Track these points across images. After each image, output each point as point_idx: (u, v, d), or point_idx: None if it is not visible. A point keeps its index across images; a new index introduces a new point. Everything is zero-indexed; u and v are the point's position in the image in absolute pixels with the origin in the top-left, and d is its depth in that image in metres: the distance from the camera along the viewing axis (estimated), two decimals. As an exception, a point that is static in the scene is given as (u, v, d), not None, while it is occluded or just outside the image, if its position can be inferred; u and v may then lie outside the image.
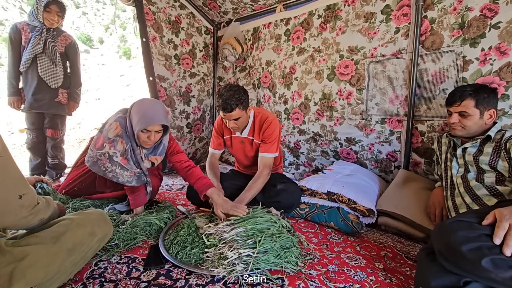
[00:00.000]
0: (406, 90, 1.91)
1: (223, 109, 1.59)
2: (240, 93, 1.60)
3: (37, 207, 0.86)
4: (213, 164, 1.92)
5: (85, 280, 1.06)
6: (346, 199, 1.64)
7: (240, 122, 1.68)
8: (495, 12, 1.53)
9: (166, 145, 1.61)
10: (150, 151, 1.56)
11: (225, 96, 1.57)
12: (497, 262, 0.74)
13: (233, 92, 1.58)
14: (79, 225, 0.96)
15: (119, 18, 25.63)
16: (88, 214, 1.04)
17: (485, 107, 1.33)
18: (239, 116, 1.64)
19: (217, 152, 1.97)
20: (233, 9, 2.80)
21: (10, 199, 0.77)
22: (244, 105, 1.64)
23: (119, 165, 1.40)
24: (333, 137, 2.36)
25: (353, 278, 1.13)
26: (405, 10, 1.85)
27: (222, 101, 1.57)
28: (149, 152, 1.55)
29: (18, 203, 0.79)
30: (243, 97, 1.62)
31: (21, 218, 0.81)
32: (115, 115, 1.50)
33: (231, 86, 1.63)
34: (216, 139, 1.95)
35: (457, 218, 0.90)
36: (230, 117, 1.62)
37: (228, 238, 1.21)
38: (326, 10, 2.25)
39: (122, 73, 15.66)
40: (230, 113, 1.59)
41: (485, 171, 1.27)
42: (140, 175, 1.50)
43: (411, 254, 1.36)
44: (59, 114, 2.33)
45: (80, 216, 1.01)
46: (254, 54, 2.85)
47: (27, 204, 0.82)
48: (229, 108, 1.57)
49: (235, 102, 1.57)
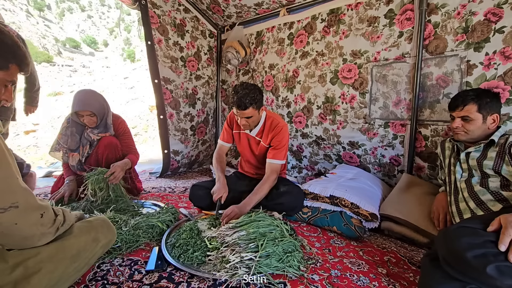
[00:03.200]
0: (410, 94, 1.90)
1: (237, 106, 1.62)
2: (255, 92, 1.63)
3: (57, 220, 0.86)
4: (220, 156, 1.95)
5: (88, 282, 1.06)
6: (349, 203, 1.63)
7: (251, 120, 1.71)
8: (499, 16, 1.53)
9: (110, 124, 1.99)
10: (96, 129, 1.96)
11: (241, 93, 1.59)
12: (502, 269, 0.73)
13: (248, 90, 1.61)
14: (83, 232, 0.96)
15: (124, 21, 25.94)
16: (92, 221, 1.04)
17: (488, 112, 1.32)
18: (251, 115, 1.66)
19: (226, 145, 2.00)
20: (237, 13, 2.82)
21: (35, 220, 0.77)
22: (258, 105, 1.66)
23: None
24: (336, 141, 2.36)
25: (356, 283, 1.12)
26: (408, 15, 1.86)
27: (237, 98, 1.60)
28: (96, 130, 1.96)
29: (40, 222, 0.79)
30: (258, 97, 1.64)
31: (44, 234, 0.81)
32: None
33: (248, 84, 1.65)
34: (226, 132, 1.98)
35: (462, 224, 0.89)
36: (243, 114, 1.65)
37: (230, 242, 1.21)
38: (330, 14, 2.26)
39: (126, 76, 15.78)
40: (244, 111, 1.62)
41: (489, 175, 1.26)
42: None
43: (414, 259, 1.34)
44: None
45: (84, 223, 1.01)
46: (258, 58, 2.87)
47: (47, 222, 0.82)
48: (243, 106, 1.60)
49: (249, 100, 1.60)
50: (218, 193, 1.66)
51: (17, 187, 0.73)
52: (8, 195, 0.71)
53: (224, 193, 1.68)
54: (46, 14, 42.97)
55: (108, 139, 1.97)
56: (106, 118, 1.97)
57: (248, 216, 1.40)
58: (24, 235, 0.75)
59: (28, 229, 0.75)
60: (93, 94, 1.93)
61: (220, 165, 1.88)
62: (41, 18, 39.84)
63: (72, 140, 1.94)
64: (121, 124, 2.11)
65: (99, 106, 1.90)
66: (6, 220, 0.70)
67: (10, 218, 0.70)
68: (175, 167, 3.00)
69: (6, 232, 0.71)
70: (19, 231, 0.73)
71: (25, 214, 0.74)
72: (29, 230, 0.76)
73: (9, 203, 0.70)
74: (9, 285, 0.74)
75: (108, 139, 1.97)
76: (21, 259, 0.78)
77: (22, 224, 0.73)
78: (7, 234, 0.72)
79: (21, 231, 0.74)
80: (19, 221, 0.72)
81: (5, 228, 0.70)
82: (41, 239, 0.81)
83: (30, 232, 0.76)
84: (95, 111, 1.86)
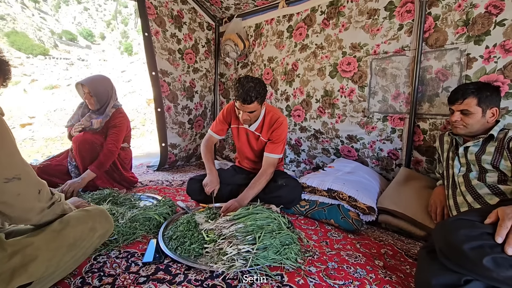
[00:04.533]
0: (409, 88, 1.89)
1: (242, 100, 1.57)
2: (261, 86, 1.59)
3: (54, 198, 0.91)
4: (209, 147, 1.93)
5: (84, 274, 1.06)
6: (347, 196, 1.63)
7: (253, 115, 1.67)
8: (500, 9, 1.51)
9: (108, 114, 2.03)
10: (95, 114, 2.03)
11: (247, 87, 1.54)
12: (498, 261, 0.73)
13: (254, 84, 1.56)
14: (80, 221, 0.97)
15: (121, 13, 25.60)
16: (89, 211, 1.04)
17: (487, 106, 1.31)
18: (254, 110, 1.63)
19: (216, 137, 1.96)
20: (235, 4, 2.78)
21: (34, 194, 0.83)
22: (262, 99, 1.63)
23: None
24: (335, 135, 2.35)
25: (352, 275, 1.13)
26: (408, 7, 1.83)
27: (243, 92, 1.54)
28: (94, 114, 2.03)
29: (38, 198, 0.84)
30: (263, 92, 1.61)
31: (40, 211, 0.86)
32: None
33: (252, 78, 1.61)
34: (219, 123, 1.92)
35: (459, 217, 0.89)
36: (247, 109, 1.61)
37: (227, 234, 1.20)
38: (329, 6, 2.23)
39: (124, 69, 15.63)
40: (249, 105, 1.58)
41: (487, 170, 1.26)
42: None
43: (411, 252, 1.35)
44: None
45: (81, 212, 1.01)
46: (256, 51, 2.83)
47: (45, 199, 0.88)
48: (249, 100, 1.56)
49: (255, 94, 1.56)
50: (210, 186, 1.66)
51: (19, 161, 0.80)
52: (12, 167, 0.78)
53: (216, 186, 1.67)
54: (41, 6, 42.28)
55: (81, 137, 1.95)
56: (107, 107, 2.02)
57: (245, 209, 1.39)
58: (24, 207, 0.82)
59: (28, 202, 0.82)
60: (103, 79, 2.04)
61: (210, 154, 1.86)
62: (37, 10, 39.20)
63: (74, 117, 2.12)
64: (118, 118, 2.11)
65: (102, 90, 1.98)
66: (10, 190, 0.77)
67: (13, 188, 0.77)
68: (172, 161, 2.99)
69: (10, 202, 0.78)
70: (20, 202, 0.80)
71: (26, 186, 0.81)
72: (29, 203, 0.82)
73: (13, 175, 0.77)
74: (7, 272, 0.75)
75: (81, 137, 1.95)
76: (19, 247, 0.80)
77: (24, 195, 0.80)
78: (10, 204, 0.78)
79: (22, 202, 0.80)
80: (22, 191, 0.79)
81: (9, 197, 0.77)
82: (40, 215, 0.87)
83: (29, 205, 0.83)
84: (93, 93, 1.94)
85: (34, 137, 8.64)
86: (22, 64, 19.95)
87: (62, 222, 0.92)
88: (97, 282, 1.02)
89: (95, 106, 2.00)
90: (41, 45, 25.26)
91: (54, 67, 21.57)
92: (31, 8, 35.15)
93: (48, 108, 11.89)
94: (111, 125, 2.07)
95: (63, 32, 37.23)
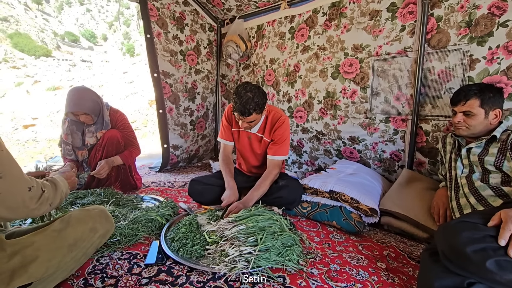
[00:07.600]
0: (411, 89, 1.89)
1: (240, 113, 1.51)
2: (259, 96, 1.52)
3: (43, 196, 0.87)
4: (227, 158, 1.84)
5: (87, 275, 1.06)
6: (349, 198, 1.63)
7: (254, 123, 1.64)
8: (503, 10, 1.51)
9: (107, 121, 2.01)
10: (94, 126, 1.98)
11: (244, 99, 1.48)
12: (502, 264, 0.73)
13: (252, 94, 1.49)
14: (80, 221, 0.97)
15: (123, 15, 25.71)
16: (89, 210, 1.04)
17: (490, 107, 1.30)
18: (254, 119, 1.59)
19: (230, 144, 1.88)
20: (237, 6, 2.79)
21: (22, 192, 0.79)
22: (261, 109, 1.57)
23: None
24: (337, 136, 2.35)
25: (355, 278, 1.12)
26: (411, 8, 1.83)
27: (240, 105, 1.48)
28: (94, 127, 1.99)
29: (28, 195, 0.80)
30: (262, 101, 1.54)
31: (32, 209, 0.83)
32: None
33: (251, 87, 1.53)
34: (226, 130, 1.86)
35: (462, 219, 0.89)
36: (246, 119, 1.56)
37: (229, 236, 1.20)
38: (331, 7, 2.23)
39: (126, 70, 15.70)
40: (247, 117, 1.53)
41: (490, 171, 1.25)
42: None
43: (414, 254, 1.35)
44: None
45: (82, 212, 1.01)
46: (258, 52, 2.84)
47: (35, 196, 0.83)
48: (247, 113, 1.50)
49: (253, 106, 1.49)
50: (228, 200, 1.58)
51: (2, 159, 0.75)
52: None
53: (233, 200, 1.59)
54: (44, 7, 42.57)
55: (111, 133, 1.99)
56: (103, 115, 1.98)
57: (247, 211, 1.39)
58: (8, 205, 0.76)
59: (12, 200, 0.77)
60: (85, 93, 1.89)
61: (228, 167, 1.77)
62: (40, 11, 39.47)
63: (74, 138, 1.99)
64: (120, 118, 2.12)
65: (92, 104, 1.89)
66: None
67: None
68: (174, 162, 2.99)
69: None
70: (2, 201, 0.75)
71: (10, 184, 0.75)
72: (13, 202, 0.77)
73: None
74: (7, 273, 0.75)
75: (111, 133, 1.99)
76: (19, 248, 0.80)
77: (6, 195, 0.75)
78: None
79: (4, 201, 0.75)
80: (3, 190, 0.74)
81: None
82: (27, 212, 0.82)
83: (14, 204, 0.77)
84: (88, 111, 1.86)
85: (37, 138, 8.69)
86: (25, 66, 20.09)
87: (62, 222, 0.92)
88: (100, 283, 1.02)
89: (93, 120, 1.95)
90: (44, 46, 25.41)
91: (56, 68, 21.69)
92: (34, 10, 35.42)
93: (51, 109, 11.94)
94: (119, 127, 2.10)
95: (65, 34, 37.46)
